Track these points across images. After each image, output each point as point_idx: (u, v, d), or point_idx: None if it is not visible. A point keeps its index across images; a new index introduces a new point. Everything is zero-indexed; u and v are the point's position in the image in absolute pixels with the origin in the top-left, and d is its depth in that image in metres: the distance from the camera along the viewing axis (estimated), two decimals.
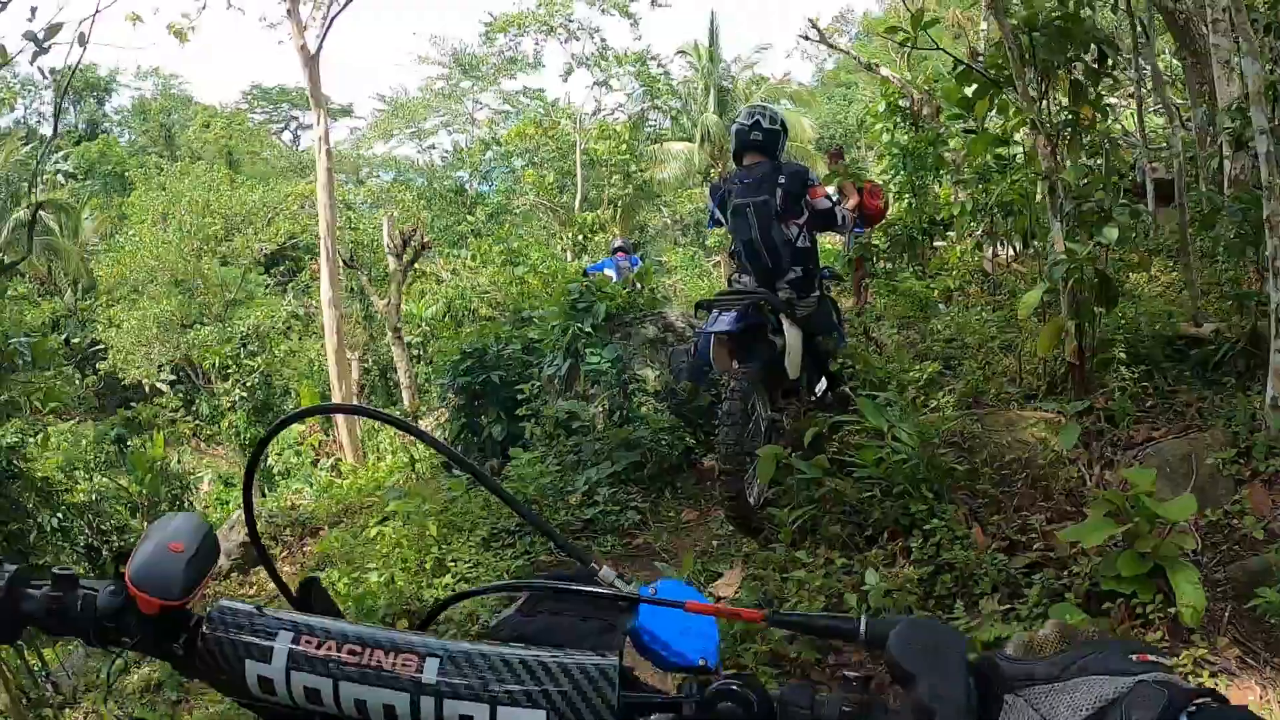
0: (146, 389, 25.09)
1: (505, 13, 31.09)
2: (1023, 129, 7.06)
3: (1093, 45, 5.72)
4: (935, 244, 11.45)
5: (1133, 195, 8.25)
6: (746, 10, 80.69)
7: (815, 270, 5.68)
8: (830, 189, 6.35)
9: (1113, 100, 8.63)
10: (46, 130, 45.90)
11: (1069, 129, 5.70)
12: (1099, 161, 6.43)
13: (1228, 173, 8.51)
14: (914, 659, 0.81)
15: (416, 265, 21.47)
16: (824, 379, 5.85)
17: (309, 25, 16.80)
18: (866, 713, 0.83)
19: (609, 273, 13.67)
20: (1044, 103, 5.83)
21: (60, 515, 11.02)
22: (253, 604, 0.94)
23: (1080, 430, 4.78)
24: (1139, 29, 8.52)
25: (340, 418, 16.66)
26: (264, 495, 13.01)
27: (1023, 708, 0.79)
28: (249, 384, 22.88)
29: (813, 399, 5.76)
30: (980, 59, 6.55)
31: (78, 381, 23.95)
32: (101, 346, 26.08)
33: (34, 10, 5.45)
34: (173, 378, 25.41)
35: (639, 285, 8.61)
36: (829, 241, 13.60)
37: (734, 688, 0.86)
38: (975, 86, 6.24)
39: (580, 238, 20.28)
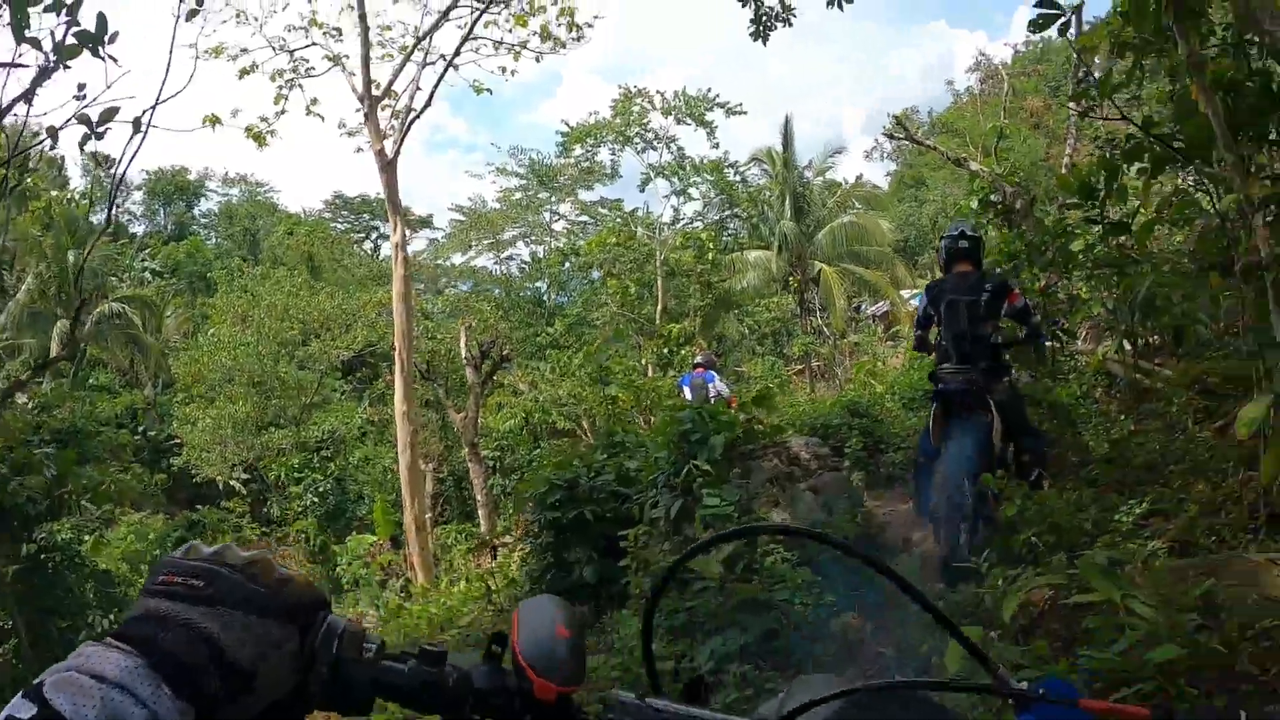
0: (220, 486, 24.99)
1: (582, 123, 30.92)
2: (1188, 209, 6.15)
3: None
4: (1068, 348, 10.44)
5: None
6: (815, 114, 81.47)
7: (1003, 365, 6.75)
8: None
9: None
10: (136, 228, 47.66)
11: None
12: None
13: None
14: None
15: (495, 377, 21.02)
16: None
17: (388, 134, 16.46)
18: None
19: (685, 392, 12.99)
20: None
21: (112, 617, 10.72)
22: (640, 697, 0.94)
23: None
24: None
25: (413, 536, 15.88)
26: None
27: None
28: (321, 489, 22.44)
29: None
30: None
31: (148, 477, 23.92)
32: (177, 441, 26.15)
33: (82, 87, 4.79)
34: (246, 477, 25.21)
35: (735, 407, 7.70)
36: None
37: None
38: (1142, 164, 5.37)
39: (665, 350, 19.54)
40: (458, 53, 16.57)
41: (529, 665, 0.91)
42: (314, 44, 16.87)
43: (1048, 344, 9.66)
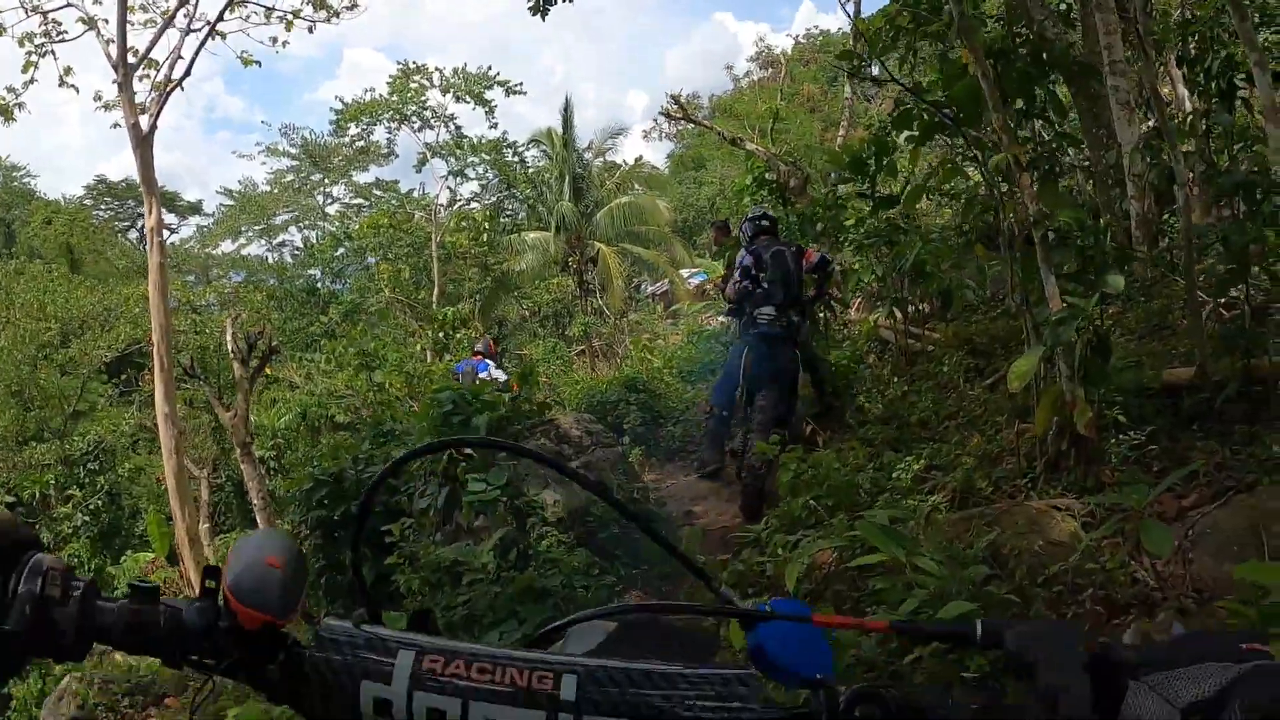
0: None
1: (357, 100, 29.67)
2: (954, 179, 6.28)
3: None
4: (841, 316, 10.61)
5: None
6: (601, 93, 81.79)
7: (805, 314, 8.10)
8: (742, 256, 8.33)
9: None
10: None
11: (1050, 167, 4.77)
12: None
13: (1134, 214, 8.03)
14: (1032, 652, 0.83)
15: (267, 371, 19.88)
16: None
17: (146, 109, 14.99)
18: (992, 711, 0.84)
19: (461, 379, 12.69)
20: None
21: None
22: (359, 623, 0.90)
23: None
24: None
25: (187, 551, 14.74)
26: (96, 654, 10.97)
27: (1146, 693, 0.79)
28: (92, 506, 20.63)
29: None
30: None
31: None
32: None
33: None
34: (12, 499, 22.47)
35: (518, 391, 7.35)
36: None
37: (869, 693, 0.85)
38: (911, 132, 5.37)
39: (441, 335, 18.94)
40: (220, 17, 15.28)
41: (233, 595, 0.88)
42: (70, 4, 15.21)
43: (822, 314, 9.82)
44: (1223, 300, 5.87)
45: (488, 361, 13.48)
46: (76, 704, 7.49)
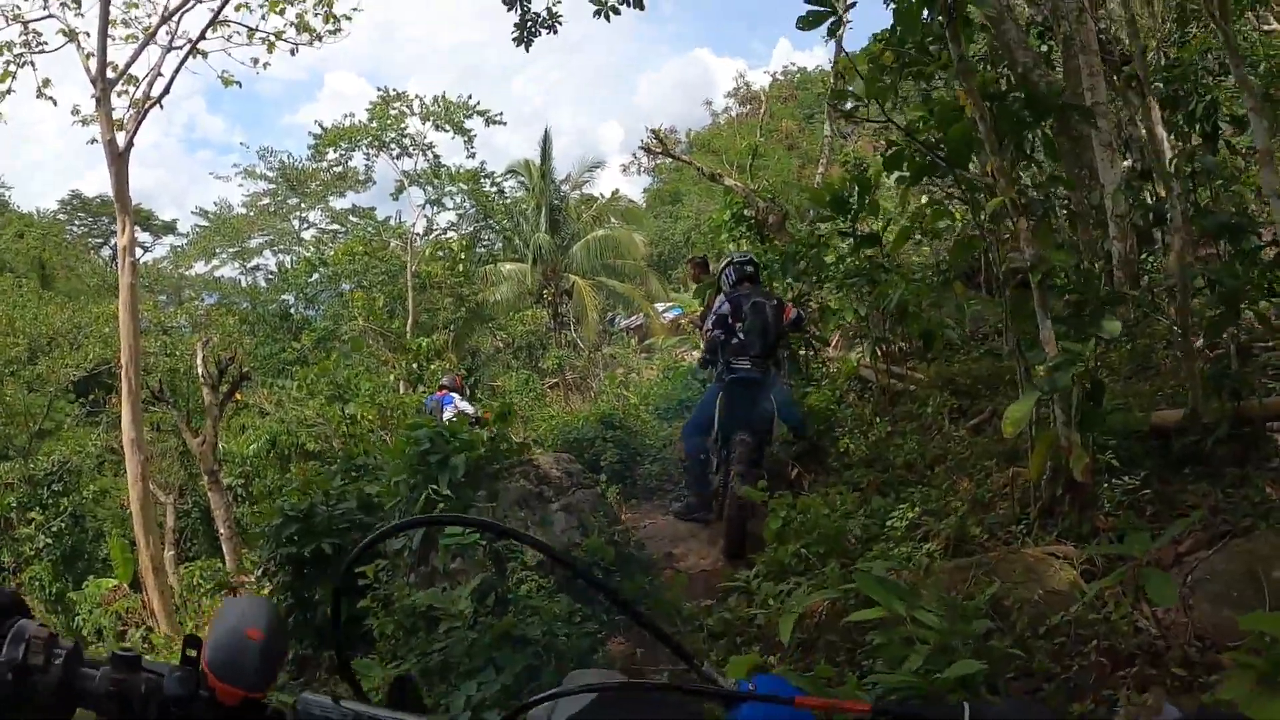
0: None
1: (337, 125, 29.50)
2: (941, 220, 6.26)
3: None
4: (820, 355, 10.55)
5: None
6: (578, 122, 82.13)
7: (779, 365, 8.45)
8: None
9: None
10: None
11: (1043, 210, 4.72)
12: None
13: (1115, 254, 8.05)
14: None
15: (237, 397, 19.59)
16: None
17: (125, 126, 14.73)
18: None
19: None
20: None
21: None
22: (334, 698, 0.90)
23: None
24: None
25: (151, 579, 14.36)
26: None
27: None
28: (55, 528, 20.13)
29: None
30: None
31: None
32: None
33: None
34: None
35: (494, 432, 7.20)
36: None
37: None
38: (902, 173, 5.33)
39: (415, 366, 18.74)
40: (203, 36, 15.08)
41: (211, 670, 0.88)
42: (51, 15, 14.92)
43: (801, 352, 9.76)
44: (1206, 342, 5.87)
45: (453, 395, 13.45)
46: None
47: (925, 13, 4.89)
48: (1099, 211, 8.36)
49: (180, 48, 15.13)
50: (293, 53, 16.20)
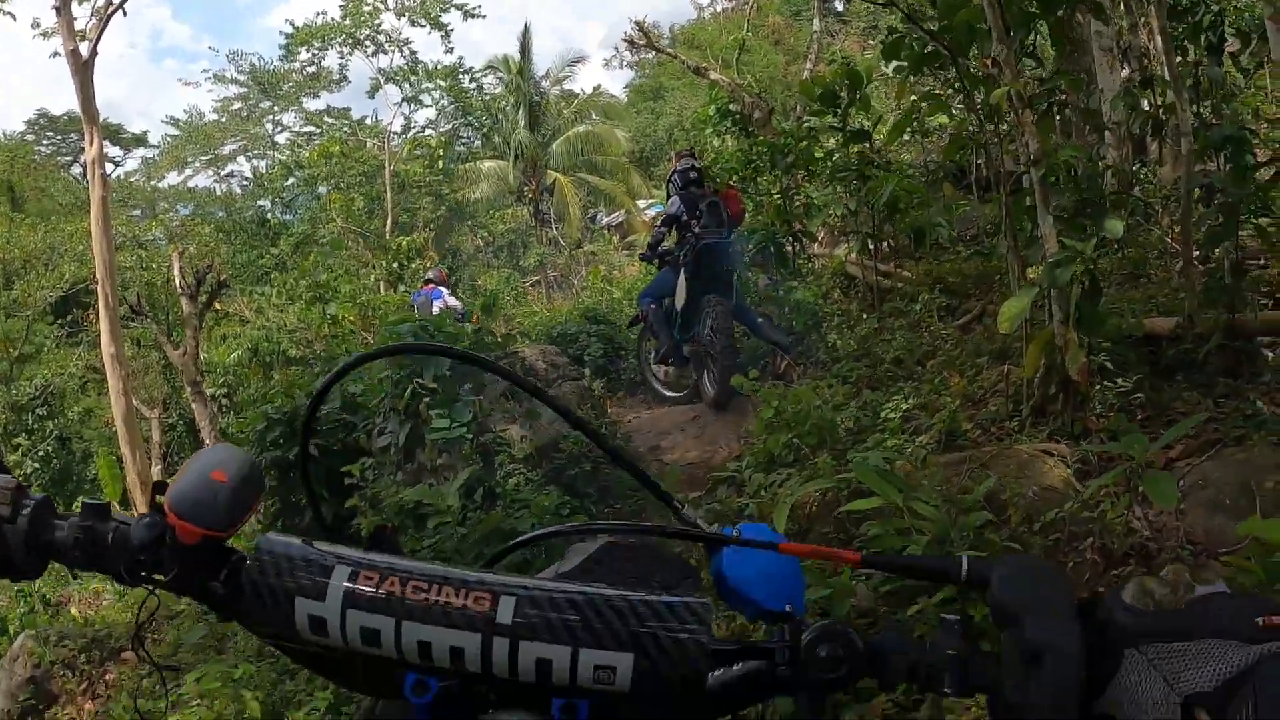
0: None
1: (308, 24, 28.67)
2: (939, 114, 6.10)
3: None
4: (806, 250, 10.44)
5: None
6: (559, 22, 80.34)
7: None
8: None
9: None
10: None
11: (1049, 104, 4.60)
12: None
13: (1111, 161, 7.97)
14: (1021, 600, 0.77)
15: (217, 306, 19.39)
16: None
17: (87, 36, 14.25)
18: (970, 656, 0.80)
19: (416, 311, 12.54)
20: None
21: None
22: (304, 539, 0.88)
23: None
24: None
25: (139, 494, 14.34)
26: (47, 609, 10.54)
27: (1145, 667, 0.72)
28: (42, 452, 20.05)
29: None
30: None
31: None
32: None
33: None
34: None
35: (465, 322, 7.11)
36: None
37: (833, 630, 0.82)
38: (900, 62, 5.18)
39: (395, 265, 18.56)
40: None
41: (172, 508, 0.87)
42: None
43: (788, 247, 9.68)
44: (1202, 254, 5.82)
45: (441, 290, 13.35)
46: (32, 664, 7.18)
47: None
48: (1095, 117, 8.24)
49: None
50: None
